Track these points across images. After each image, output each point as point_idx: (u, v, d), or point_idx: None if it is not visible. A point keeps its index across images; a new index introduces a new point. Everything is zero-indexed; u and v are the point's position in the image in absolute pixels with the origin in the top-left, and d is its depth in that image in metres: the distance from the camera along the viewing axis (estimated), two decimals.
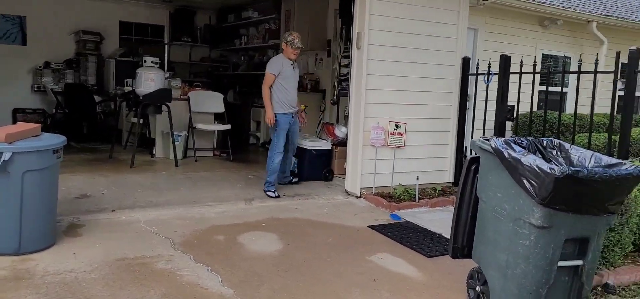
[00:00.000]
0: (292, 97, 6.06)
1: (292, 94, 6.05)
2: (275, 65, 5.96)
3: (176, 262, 3.94)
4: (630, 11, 10.44)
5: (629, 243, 4.09)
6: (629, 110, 5.10)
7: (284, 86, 5.97)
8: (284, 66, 5.96)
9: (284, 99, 5.99)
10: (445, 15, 6.55)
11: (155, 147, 8.10)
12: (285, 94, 5.98)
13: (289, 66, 6.00)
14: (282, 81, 5.95)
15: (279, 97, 5.97)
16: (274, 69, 5.95)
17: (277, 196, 5.90)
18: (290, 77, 6.02)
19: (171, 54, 11.50)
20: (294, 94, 6.10)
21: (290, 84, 6.02)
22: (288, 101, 6.02)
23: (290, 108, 6.07)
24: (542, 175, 2.84)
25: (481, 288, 3.42)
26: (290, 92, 6.02)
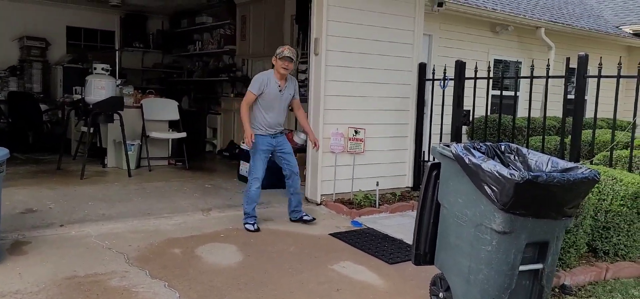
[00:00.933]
0: (272, 121, 5.08)
1: (272, 118, 5.08)
2: (256, 83, 5.01)
3: (131, 278, 3.77)
4: (575, 18, 10.86)
5: (584, 244, 4.20)
6: (579, 113, 5.25)
7: (263, 108, 5.04)
8: (269, 86, 5.00)
9: (261, 122, 5.07)
10: (402, 21, 6.60)
11: (107, 157, 7.81)
12: (263, 117, 5.05)
13: (275, 86, 5.01)
14: (262, 102, 5.02)
15: (256, 117, 5.08)
16: (253, 87, 5.00)
17: (257, 230, 5.01)
18: (274, 99, 5.04)
19: (123, 61, 11.13)
20: (276, 118, 5.11)
21: (272, 107, 5.06)
22: (266, 123, 5.07)
23: (271, 129, 5.11)
24: (502, 180, 2.86)
25: (444, 294, 3.42)
26: (270, 116, 5.06)
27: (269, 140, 5.11)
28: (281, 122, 5.22)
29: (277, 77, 5.03)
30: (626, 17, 12.03)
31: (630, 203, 4.32)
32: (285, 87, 5.09)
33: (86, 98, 7.37)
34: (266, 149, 5.11)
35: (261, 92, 4.99)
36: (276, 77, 5.03)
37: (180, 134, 8.09)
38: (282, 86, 5.05)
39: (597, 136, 6.21)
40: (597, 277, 4.19)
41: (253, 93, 5.00)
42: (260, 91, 4.99)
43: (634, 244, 4.46)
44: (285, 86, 5.09)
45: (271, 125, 5.09)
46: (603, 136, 6.51)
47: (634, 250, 4.46)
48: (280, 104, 5.11)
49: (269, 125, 5.08)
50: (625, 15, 12.11)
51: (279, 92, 5.05)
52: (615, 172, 4.56)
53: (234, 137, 9.23)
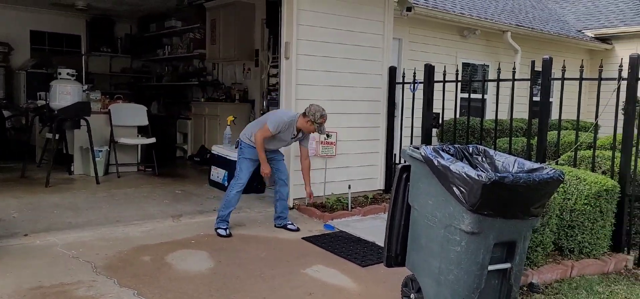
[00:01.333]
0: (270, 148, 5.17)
1: (271, 147, 5.17)
2: (276, 124, 4.97)
3: (99, 287, 3.68)
4: (540, 22, 11.14)
5: (550, 242, 4.30)
6: (544, 115, 5.39)
7: (269, 140, 5.06)
8: (286, 133, 5.06)
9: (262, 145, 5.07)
10: (371, 25, 6.66)
11: (74, 164, 7.63)
12: (266, 143, 5.07)
13: (290, 134, 5.09)
14: (272, 136, 5.03)
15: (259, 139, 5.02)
16: (273, 125, 4.95)
17: (229, 235, 5.01)
18: (283, 141, 5.18)
19: (90, 65, 10.91)
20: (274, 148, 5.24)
21: (277, 145, 5.21)
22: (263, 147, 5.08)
23: None
24: (470, 182, 2.91)
25: (415, 295, 3.45)
26: (270, 146, 5.15)
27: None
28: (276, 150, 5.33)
29: (299, 128, 5.07)
30: (588, 21, 12.40)
31: (594, 202, 4.44)
32: (298, 136, 5.18)
33: (51, 104, 7.18)
34: (254, 158, 5.14)
35: (278, 132, 5.01)
36: (297, 127, 5.06)
37: (149, 139, 7.96)
38: (296, 135, 5.15)
39: (562, 137, 6.37)
40: (563, 275, 4.30)
41: (270, 131, 4.97)
42: (277, 132, 5.00)
43: (598, 242, 4.59)
44: (299, 135, 5.17)
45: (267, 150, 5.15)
46: (568, 137, 6.68)
47: (597, 248, 4.59)
48: (284, 143, 5.25)
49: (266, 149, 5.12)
50: (587, 20, 12.48)
51: (291, 139, 5.18)
52: (580, 172, 4.69)
53: (205, 143, 9.15)
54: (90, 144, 7.17)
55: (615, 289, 4.13)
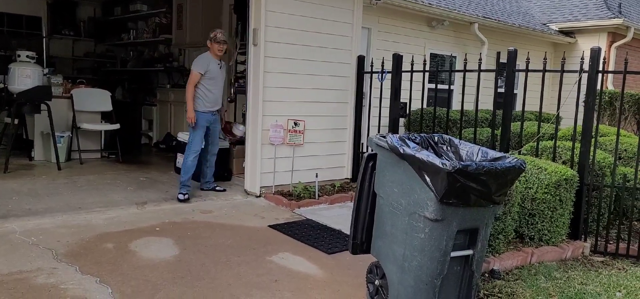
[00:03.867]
0: (216, 96, 5.89)
1: (216, 94, 5.89)
2: (201, 64, 5.72)
3: (59, 275, 3.60)
4: (507, 15, 11.34)
5: (512, 230, 4.41)
6: (508, 106, 5.49)
7: (208, 86, 5.78)
8: (211, 65, 5.76)
9: (207, 98, 5.80)
10: (341, 14, 6.65)
11: (34, 150, 7.42)
12: (209, 93, 5.79)
13: (216, 65, 5.82)
14: (208, 80, 5.76)
15: (201, 94, 5.77)
16: (199, 67, 5.71)
17: (186, 198, 5.68)
18: (217, 76, 5.84)
19: (51, 49, 10.60)
20: (219, 93, 5.94)
21: (216, 84, 5.85)
22: (211, 99, 5.84)
23: (212, 106, 5.88)
24: (435, 170, 2.94)
25: (380, 281, 3.49)
26: (214, 92, 5.85)
27: (209, 117, 5.88)
28: (220, 100, 6.01)
29: (215, 57, 5.82)
30: (552, 15, 12.68)
31: (554, 191, 4.57)
32: (222, 65, 5.93)
33: (9, 87, 6.94)
34: (205, 125, 5.84)
35: (205, 71, 5.68)
36: (214, 58, 5.82)
37: (113, 125, 7.80)
38: (220, 63, 5.90)
39: (525, 127, 6.53)
40: (523, 261, 4.42)
41: (199, 72, 5.68)
42: (205, 70, 5.68)
43: (557, 230, 4.72)
44: (221, 64, 5.91)
45: (213, 101, 5.85)
46: (531, 127, 6.85)
47: (556, 235, 4.73)
48: (221, 80, 5.92)
49: (212, 101, 5.84)
50: (552, 13, 12.76)
51: (219, 68, 5.85)
52: (541, 162, 4.81)
53: (171, 129, 9.01)
54: (51, 129, 6.98)
55: (572, 275, 4.27)
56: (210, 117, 5.90)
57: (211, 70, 5.75)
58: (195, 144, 5.79)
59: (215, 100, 5.90)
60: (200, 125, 5.78)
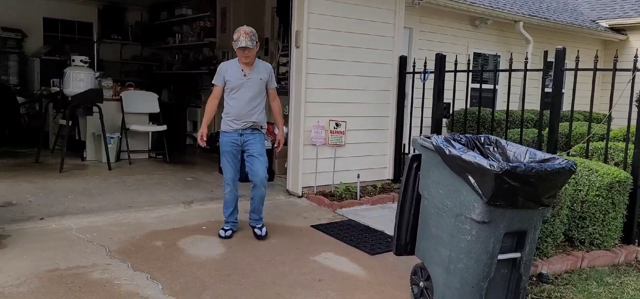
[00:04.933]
0: (240, 111, 4.53)
1: (240, 108, 4.53)
2: (218, 74, 4.61)
3: (113, 271, 3.75)
4: (552, 11, 11.03)
5: (561, 233, 4.30)
6: (556, 106, 5.35)
7: (228, 98, 4.59)
8: (229, 73, 4.54)
9: (228, 114, 4.59)
10: (382, 14, 6.64)
11: (86, 151, 7.71)
12: (230, 109, 4.57)
13: (238, 73, 4.52)
14: (229, 92, 4.57)
15: (225, 110, 4.63)
16: (216, 79, 4.63)
17: (229, 235, 4.65)
18: (241, 86, 4.52)
19: (101, 53, 10.99)
20: (244, 106, 4.54)
21: (241, 96, 4.53)
22: (234, 115, 4.55)
23: (237, 123, 4.55)
24: (482, 171, 2.91)
25: (425, 283, 3.47)
26: (237, 107, 4.54)
27: (235, 138, 4.57)
28: (250, 115, 4.57)
29: (241, 63, 4.55)
30: (602, 11, 12.26)
31: (606, 193, 4.43)
32: (251, 73, 4.53)
33: (64, 90, 7.26)
34: (231, 149, 4.60)
35: (225, 83, 4.56)
36: (240, 64, 4.55)
37: (160, 127, 8.03)
38: (246, 71, 4.52)
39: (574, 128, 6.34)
40: (573, 265, 4.30)
41: (215, 85, 4.63)
42: (223, 81, 4.56)
43: (609, 234, 4.58)
44: (251, 72, 4.53)
45: (236, 117, 4.54)
46: (580, 128, 6.65)
47: (608, 239, 4.58)
48: (245, 92, 4.52)
49: (234, 117, 4.55)
50: (602, 10, 12.34)
51: (244, 76, 4.52)
52: (592, 163, 4.67)
53: (215, 131, 9.18)
54: (102, 130, 7.24)
55: (625, 281, 4.13)
56: (237, 138, 4.57)
57: (231, 79, 4.52)
58: (226, 172, 4.65)
59: (239, 115, 4.54)
60: (224, 149, 4.61)
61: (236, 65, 4.55)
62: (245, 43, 4.38)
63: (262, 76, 4.60)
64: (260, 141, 4.64)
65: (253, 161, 4.60)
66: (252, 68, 4.55)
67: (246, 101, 4.53)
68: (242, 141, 4.58)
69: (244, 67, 4.52)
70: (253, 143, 4.60)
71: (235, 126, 4.55)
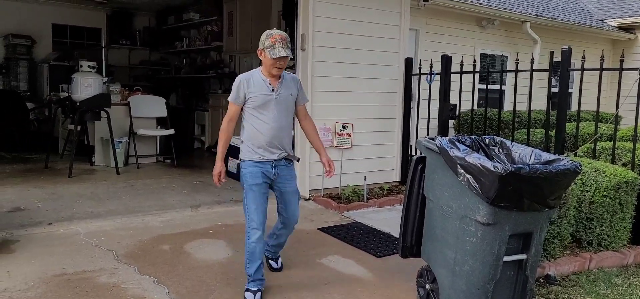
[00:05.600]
0: (271, 134, 3.51)
1: (271, 131, 3.51)
2: (234, 89, 3.54)
3: (120, 275, 3.77)
4: (560, 11, 10.97)
5: (568, 234, 4.27)
6: (563, 106, 5.33)
7: (256, 120, 3.52)
8: (255, 88, 3.50)
9: (255, 139, 3.52)
10: (388, 16, 6.64)
11: (95, 155, 7.78)
12: (257, 133, 3.51)
13: (264, 88, 3.51)
14: (253, 111, 3.52)
15: (248, 133, 3.56)
16: (234, 95, 3.54)
17: None
18: (269, 104, 3.51)
19: (109, 58, 11.07)
20: (276, 130, 3.53)
21: (269, 116, 3.51)
22: (264, 140, 3.51)
23: (271, 152, 3.55)
24: (486, 173, 2.91)
25: (431, 285, 3.47)
26: (267, 129, 3.51)
27: (268, 170, 3.55)
28: (284, 140, 3.62)
29: (267, 75, 3.54)
30: (610, 10, 12.17)
31: (613, 194, 4.40)
32: (280, 87, 3.56)
33: (73, 96, 7.33)
34: (263, 183, 3.56)
35: (246, 99, 3.52)
36: (265, 75, 3.55)
37: (168, 131, 8.07)
38: (275, 85, 3.54)
39: (581, 128, 6.30)
40: (581, 267, 4.27)
41: (232, 103, 3.55)
42: (244, 98, 3.52)
43: (616, 235, 4.54)
44: (280, 86, 3.56)
45: (268, 143, 3.52)
46: (587, 128, 6.60)
47: (616, 240, 4.54)
48: (275, 112, 3.52)
49: (265, 143, 3.52)
50: (610, 9, 12.25)
51: (272, 91, 3.52)
52: (599, 164, 4.64)
53: None
54: (110, 135, 7.30)
55: (634, 282, 4.09)
56: (271, 171, 3.56)
57: (255, 95, 3.49)
58: (252, 213, 3.51)
59: (272, 141, 3.53)
60: (251, 182, 3.52)
61: (260, 78, 3.53)
62: (283, 52, 3.42)
63: (292, 91, 3.64)
64: (295, 175, 3.78)
65: (290, 201, 3.71)
66: (280, 81, 3.57)
67: (277, 123, 3.53)
68: (274, 174, 3.58)
69: (271, 80, 3.53)
70: (289, 178, 3.68)
71: (268, 154, 3.54)
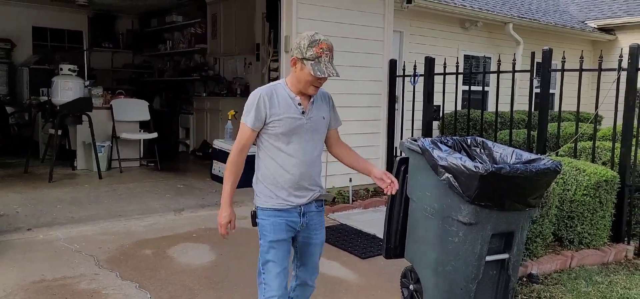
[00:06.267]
0: (299, 170, 2.64)
1: (300, 167, 2.63)
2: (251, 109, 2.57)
3: (101, 281, 3.72)
4: (542, 13, 11.10)
5: (550, 233, 4.32)
6: (544, 107, 5.38)
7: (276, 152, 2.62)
8: (280, 109, 2.58)
9: (279, 177, 2.64)
10: (371, 18, 6.65)
11: (77, 160, 7.67)
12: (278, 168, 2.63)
13: (292, 108, 2.60)
14: (275, 139, 2.61)
15: (266, 171, 2.67)
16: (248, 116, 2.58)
17: None
18: (298, 131, 2.62)
19: (91, 61, 10.96)
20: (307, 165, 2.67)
21: (298, 147, 2.63)
22: (290, 179, 2.64)
23: (298, 195, 2.66)
24: (467, 173, 2.92)
25: (414, 286, 3.47)
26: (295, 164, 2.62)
27: (294, 219, 2.67)
28: (315, 177, 2.74)
29: (296, 92, 2.61)
30: (591, 12, 12.35)
31: (593, 193, 4.45)
32: (312, 108, 2.65)
33: (53, 99, 7.23)
34: (286, 238, 2.68)
35: (267, 122, 2.57)
36: (293, 92, 2.61)
37: (151, 134, 8.00)
38: (305, 106, 2.63)
39: (563, 128, 6.37)
40: (563, 265, 4.31)
41: (251, 128, 2.57)
42: (263, 120, 2.56)
43: (598, 233, 4.59)
44: (311, 106, 2.65)
45: (295, 184, 2.63)
46: (569, 128, 6.68)
47: (597, 238, 4.60)
48: (306, 141, 2.64)
49: (291, 185, 2.63)
50: (590, 11, 12.42)
51: (302, 115, 2.61)
52: (579, 163, 4.69)
53: (207, 137, 9.17)
54: (92, 139, 7.21)
55: (614, 279, 4.14)
56: (298, 220, 2.69)
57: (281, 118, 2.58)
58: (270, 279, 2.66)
59: (300, 181, 2.65)
60: (269, 239, 2.67)
61: (287, 95, 2.61)
62: (331, 70, 2.60)
63: (325, 113, 2.76)
64: (324, 221, 2.85)
65: (314, 253, 2.83)
66: (311, 101, 2.66)
67: (308, 156, 2.66)
68: (302, 224, 2.70)
69: (302, 99, 2.62)
70: (319, 226, 2.78)
71: (295, 198, 2.65)
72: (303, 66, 2.56)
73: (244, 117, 2.60)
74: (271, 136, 2.61)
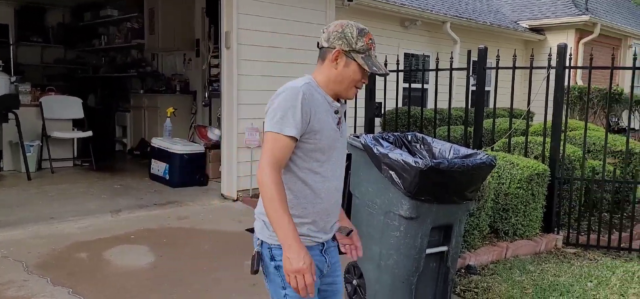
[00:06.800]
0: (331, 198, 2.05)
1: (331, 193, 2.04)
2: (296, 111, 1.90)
3: (30, 287, 3.52)
4: (478, 13, 11.50)
5: (486, 225, 4.48)
6: (480, 103, 5.57)
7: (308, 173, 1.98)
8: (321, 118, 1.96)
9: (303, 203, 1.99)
10: (313, 15, 6.66)
11: (3, 160, 7.23)
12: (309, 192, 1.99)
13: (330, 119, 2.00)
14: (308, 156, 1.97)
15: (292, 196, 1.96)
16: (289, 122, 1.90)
17: None
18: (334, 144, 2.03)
19: (18, 56, 10.36)
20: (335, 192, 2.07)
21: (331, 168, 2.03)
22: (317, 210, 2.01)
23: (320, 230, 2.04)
24: (408, 168, 2.97)
25: (358, 281, 3.50)
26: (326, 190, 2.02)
27: (319, 260, 2.06)
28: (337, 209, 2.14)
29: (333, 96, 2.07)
30: (522, 13, 12.91)
31: (526, 185, 4.65)
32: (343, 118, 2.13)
33: None
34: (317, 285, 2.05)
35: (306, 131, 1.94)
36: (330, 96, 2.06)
37: (85, 133, 7.66)
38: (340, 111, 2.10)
39: (498, 124, 6.61)
40: (499, 256, 4.48)
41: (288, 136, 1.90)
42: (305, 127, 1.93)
43: (530, 224, 4.81)
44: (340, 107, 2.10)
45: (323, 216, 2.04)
46: (503, 124, 6.95)
47: (530, 229, 4.81)
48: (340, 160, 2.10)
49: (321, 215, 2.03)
50: (522, 12, 12.99)
51: (338, 127, 2.05)
52: (513, 157, 4.89)
53: (145, 135, 8.89)
54: (19, 138, 6.82)
55: (545, 267, 4.35)
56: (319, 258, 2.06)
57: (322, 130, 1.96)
58: None
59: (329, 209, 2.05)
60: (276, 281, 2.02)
61: (324, 100, 2.04)
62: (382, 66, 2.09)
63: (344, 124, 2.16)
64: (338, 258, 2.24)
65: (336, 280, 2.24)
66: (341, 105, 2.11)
67: (340, 181, 2.12)
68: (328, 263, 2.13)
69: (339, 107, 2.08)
70: (338, 267, 2.25)
71: (322, 233, 2.07)
72: (349, 61, 2.02)
73: (278, 124, 1.90)
74: (306, 152, 1.96)
